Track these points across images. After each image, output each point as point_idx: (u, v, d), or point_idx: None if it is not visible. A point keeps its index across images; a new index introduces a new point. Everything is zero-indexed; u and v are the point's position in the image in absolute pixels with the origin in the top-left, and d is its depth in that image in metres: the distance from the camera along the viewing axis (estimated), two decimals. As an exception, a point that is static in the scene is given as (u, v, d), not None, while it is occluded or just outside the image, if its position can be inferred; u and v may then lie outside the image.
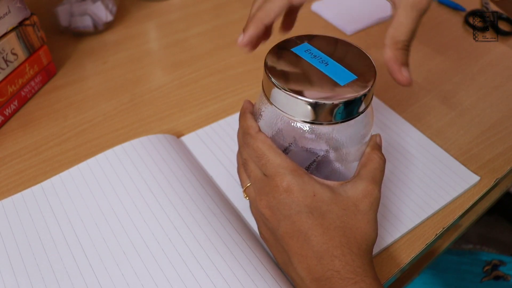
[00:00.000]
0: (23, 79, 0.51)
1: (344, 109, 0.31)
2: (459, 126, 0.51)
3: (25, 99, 0.53)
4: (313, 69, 0.33)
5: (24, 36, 0.50)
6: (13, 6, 0.48)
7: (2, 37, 0.48)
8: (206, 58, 0.60)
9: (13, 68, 0.50)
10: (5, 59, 0.48)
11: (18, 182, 0.44)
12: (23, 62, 0.51)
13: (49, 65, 0.55)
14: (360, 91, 0.31)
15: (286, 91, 0.31)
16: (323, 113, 0.31)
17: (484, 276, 0.62)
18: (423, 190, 0.43)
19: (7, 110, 0.50)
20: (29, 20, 0.51)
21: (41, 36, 0.53)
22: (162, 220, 0.39)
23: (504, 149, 0.48)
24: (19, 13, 0.49)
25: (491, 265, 0.63)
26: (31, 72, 0.52)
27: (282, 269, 0.35)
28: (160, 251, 0.37)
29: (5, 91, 0.49)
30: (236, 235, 0.38)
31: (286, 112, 0.32)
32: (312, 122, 0.32)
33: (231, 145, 0.47)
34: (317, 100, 0.30)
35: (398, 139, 0.48)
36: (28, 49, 0.51)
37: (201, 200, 0.40)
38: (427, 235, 0.40)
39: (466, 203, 0.43)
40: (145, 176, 0.42)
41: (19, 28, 0.49)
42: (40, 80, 0.54)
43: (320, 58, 0.34)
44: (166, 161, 0.43)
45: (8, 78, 0.49)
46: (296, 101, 0.31)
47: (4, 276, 0.36)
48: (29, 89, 0.53)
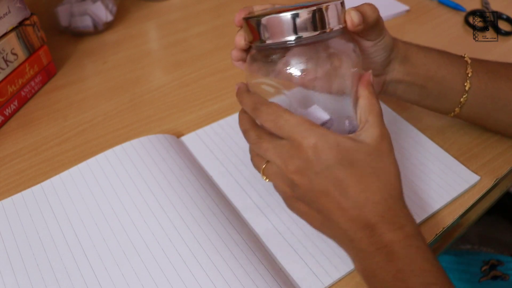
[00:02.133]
0: (23, 79, 0.51)
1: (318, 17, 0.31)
2: (459, 126, 0.51)
3: (25, 99, 0.52)
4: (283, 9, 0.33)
5: (24, 36, 0.50)
6: (13, 6, 0.48)
7: (2, 37, 0.48)
8: (206, 58, 0.60)
9: (13, 68, 0.50)
10: (5, 59, 0.48)
11: (18, 182, 0.44)
12: (23, 62, 0.51)
13: (49, 65, 0.55)
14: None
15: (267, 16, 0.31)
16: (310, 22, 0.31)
17: (482, 276, 0.62)
18: (423, 190, 0.43)
19: (7, 110, 0.50)
20: (29, 20, 0.51)
21: (41, 36, 0.53)
22: (162, 220, 0.39)
23: (504, 149, 0.48)
24: (19, 13, 0.49)
25: (489, 265, 0.63)
26: (31, 72, 0.52)
27: (320, 232, 0.35)
28: (160, 250, 0.37)
29: (5, 91, 0.49)
30: (236, 235, 0.38)
31: (279, 40, 0.32)
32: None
33: (231, 145, 0.47)
34: (298, 11, 0.31)
35: (398, 139, 0.48)
36: (28, 49, 0.51)
37: (200, 200, 0.40)
38: (427, 235, 0.40)
39: (466, 203, 0.43)
40: (145, 176, 0.42)
41: (19, 28, 0.49)
42: (40, 80, 0.54)
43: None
44: (166, 161, 0.43)
45: (8, 78, 0.49)
46: (280, 19, 0.31)
47: (4, 276, 0.36)
48: (29, 89, 0.53)
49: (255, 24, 0.33)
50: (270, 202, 0.42)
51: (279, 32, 0.32)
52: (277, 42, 0.33)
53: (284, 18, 0.31)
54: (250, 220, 0.41)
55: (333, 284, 0.37)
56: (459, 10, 0.69)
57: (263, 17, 0.32)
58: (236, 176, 0.44)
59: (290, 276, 0.37)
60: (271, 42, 0.33)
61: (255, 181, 0.44)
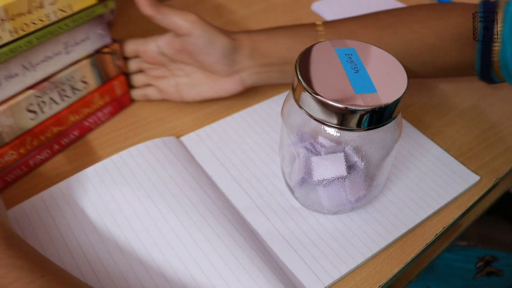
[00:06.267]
0: (89, 109, 0.47)
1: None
2: (459, 126, 0.51)
3: (87, 129, 0.48)
4: (340, 72, 0.33)
5: (99, 64, 0.46)
6: (94, 33, 0.44)
7: (74, 64, 0.44)
8: (206, 58, 0.60)
9: (80, 96, 0.46)
10: (73, 87, 0.44)
11: (18, 182, 0.44)
12: (93, 91, 0.47)
13: (124, 96, 0.51)
14: (361, 105, 0.31)
15: (314, 95, 0.31)
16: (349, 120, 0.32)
17: (477, 272, 0.62)
18: (423, 190, 0.43)
19: (65, 140, 0.46)
20: (108, 48, 0.46)
21: (119, 65, 0.48)
22: (172, 223, 0.39)
23: (504, 149, 0.48)
24: (98, 40, 0.45)
25: (484, 261, 0.63)
26: (100, 102, 0.48)
27: None
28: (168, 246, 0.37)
29: (65, 121, 0.45)
30: (237, 235, 0.38)
31: (314, 116, 0.33)
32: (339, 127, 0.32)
33: (231, 145, 0.47)
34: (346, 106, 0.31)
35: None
36: (102, 77, 0.47)
37: (199, 201, 0.40)
38: (427, 235, 0.40)
39: (466, 203, 0.43)
40: (147, 181, 0.42)
41: (95, 55, 0.45)
42: (110, 111, 0.50)
43: (354, 64, 0.34)
44: (163, 166, 0.43)
45: (72, 106, 0.45)
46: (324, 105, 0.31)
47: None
48: (94, 120, 0.48)
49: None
50: (271, 202, 0.42)
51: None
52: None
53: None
54: (250, 221, 0.41)
55: (333, 283, 0.37)
56: (459, 10, 0.69)
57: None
58: (236, 176, 0.44)
59: (290, 276, 0.37)
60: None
61: (255, 182, 0.44)
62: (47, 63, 0.42)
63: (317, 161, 0.36)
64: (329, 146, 0.35)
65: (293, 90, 0.34)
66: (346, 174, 0.36)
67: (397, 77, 0.33)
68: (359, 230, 0.40)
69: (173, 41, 0.46)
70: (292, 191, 0.41)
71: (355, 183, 0.38)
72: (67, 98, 0.44)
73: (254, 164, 0.45)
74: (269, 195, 0.43)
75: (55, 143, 0.45)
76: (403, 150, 0.47)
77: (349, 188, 0.38)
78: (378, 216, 0.41)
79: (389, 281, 0.38)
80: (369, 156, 0.36)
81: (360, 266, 0.38)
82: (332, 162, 0.36)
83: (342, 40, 0.37)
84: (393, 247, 0.40)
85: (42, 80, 0.42)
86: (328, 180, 0.37)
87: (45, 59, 0.41)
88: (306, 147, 0.36)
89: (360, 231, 0.40)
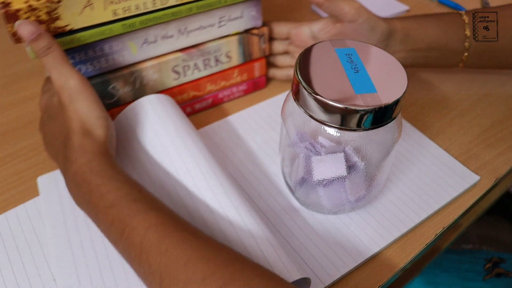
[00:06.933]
0: (226, 82, 0.50)
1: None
2: (459, 126, 0.51)
3: (219, 101, 0.52)
4: (340, 72, 0.33)
5: (246, 44, 0.49)
6: (248, 13, 0.47)
7: (223, 38, 0.47)
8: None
9: (221, 68, 0.49)
10: (217, 59, 0.48)
11: (19, 182, 0.44)
12: (234, 67, 0.50)
13: (260, 78, 0.53)
14: (362, 105, 0.31)
15: (314, 95, 0.31)
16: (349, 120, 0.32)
17: (486, 274, 0.62)
18: (423, 190, 0.43)
19: (198, 105, 0.50)
20: (257, 30, 0.49)
21: (264, 49, 0.51)
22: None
23: (504, 149, 0.48)
24: (250, 21, 0.48)
25: (492, 263, 0.63)
26: (238, 79, 0.51)
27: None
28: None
29: (203, 87, 0.49)
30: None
31: (314, 116, 0.33)
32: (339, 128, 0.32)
33: (231, 145, 0.47)
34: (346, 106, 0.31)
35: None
36: (245, 57, 0.50)
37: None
38: (427, 235, 0.40)
39: (466, 203, 0.43)
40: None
41: (244, 34, 0.48)
42: (244, 90, 0.53)
43: (354, 64, 0.34)
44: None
45: (211, 76, 0.49)
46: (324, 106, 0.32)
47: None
48: (228, 93, 0.52)
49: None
50: (271, 202, 0.42)
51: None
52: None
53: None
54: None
55: (333, 283, 0.37)
56: (459, 10, 0.69)
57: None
58: (236, 176, 0.44)
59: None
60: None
61: (255, 182, 0.44)
62: (199, 32, 0.46)
63: (317, 161, 0.36)
64: (329, 146, 0.35)
65: (293, 90, 0.34)
66: (346, 174, 0.36)
67: (397, 77, 0.33)
68: (359, 230, 0.40)
69: (329, 26, 0.48)
70: (292, 191, 0.41)
71: (355, 183, 0.38)
72: (209, 67, 0.48)
73: (254, 164, 0.45)
74: (269, 195, 0.43)
75: (189, 105, 0.50)
76: (403, 150, 0.47)
77: (349, 188, 0.38)
78: (378, 216, 0.41)
79: (389, 281, 0.38)
80: (369, 156, 0.36)
81: (360, 266, 0.38)
82: (332, 162, 0.36)
83: (342, 40, 0.37)
84: (393, 247, 0.40)
85: (191, 46, 0.46)
86: (328, 180, 0.37)
87: (199, 28, 0.45)
88: (306, 147, 0.36)
89: (360, 231, 0.40)
